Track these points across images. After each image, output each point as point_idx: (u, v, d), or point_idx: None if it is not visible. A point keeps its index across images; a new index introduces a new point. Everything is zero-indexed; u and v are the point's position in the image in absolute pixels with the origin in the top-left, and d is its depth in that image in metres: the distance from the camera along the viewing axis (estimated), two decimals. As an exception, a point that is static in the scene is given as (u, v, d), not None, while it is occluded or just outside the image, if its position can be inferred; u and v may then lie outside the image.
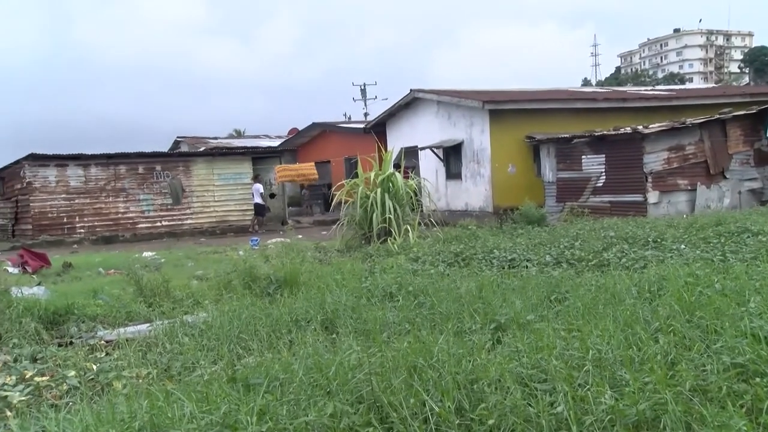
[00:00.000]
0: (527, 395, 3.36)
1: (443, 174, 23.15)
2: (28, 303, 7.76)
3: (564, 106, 21.30)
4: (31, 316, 7.42)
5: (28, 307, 7.62)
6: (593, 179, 17.83)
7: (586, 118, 20.55)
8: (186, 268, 12.91)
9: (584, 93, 26.95)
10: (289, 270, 8.62)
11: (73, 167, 22.83)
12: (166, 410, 3.50)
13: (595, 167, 17.84)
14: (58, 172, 22.62)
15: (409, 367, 3.90)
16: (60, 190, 22.62)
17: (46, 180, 22.45)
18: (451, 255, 10.45)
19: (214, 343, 5.81)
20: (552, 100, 21.76)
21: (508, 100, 21.47)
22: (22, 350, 6.46)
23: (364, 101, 51.54)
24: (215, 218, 24.76)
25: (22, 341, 6.76)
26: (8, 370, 5.92)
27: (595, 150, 17.88)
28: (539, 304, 6.09)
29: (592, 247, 9.74)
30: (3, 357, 6.41)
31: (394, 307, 6.50)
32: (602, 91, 29.12)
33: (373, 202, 13.95)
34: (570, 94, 24.30)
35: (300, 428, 3.26)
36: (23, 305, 7.63)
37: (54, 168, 22.60)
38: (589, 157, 18.04)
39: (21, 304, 7.68)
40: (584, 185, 18.06)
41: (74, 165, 22.86)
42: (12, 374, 5.73)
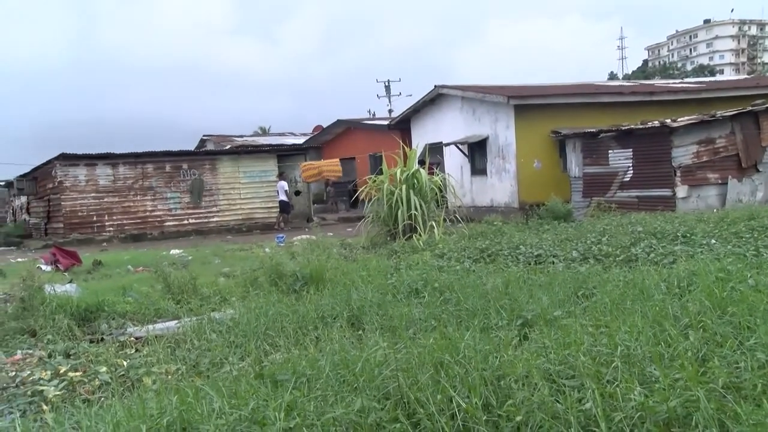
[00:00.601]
0: (555, 391, 3.33)
1: (468, 170, 23.05)
2: (60, 300, 7.92)
3: (590, 100, 21.05)
4: (64, 312, 7.58)
5: (60, 304, 7.78)
6: (620, 174, 17.61)
7: (613, 112, 20.31)
8: (213, 265, 13.03)
9: (611, 87, 26.64)
10: (315, 267, 8.65)
11: (102, 166, 23.19)
12: (196, 406, 3.54)
13: (622, 162, 17.62)
14: (87, 171, 22.98)
15: (435, 363, 3.89)
16: (90, 189, 22.99)
17: (76, 179, 22.83)
18: (477, 251, 10.41)
19: (242, 340, 5.85)
20: (578, 95, 21.53)
21: (534, 95, 21.30)
22: (56, 346, 6.61)
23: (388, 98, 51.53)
24: (241, 216, 24.97)
25: (56, 337, 6.91)
26: (43, 365, 6.05)
27: (622, 144, 17.66)
28: (566, 300, 6.03)
29: (619, 242, 9.63)
30: (38, 352, 6.55)
31: (420, 304, 6.50)
32: (629, 85, 28.75)
33: (398, 199, 13.94)
34: (596, 88, 24.03)
35: (327, 424, 3.27)
36: (56, 302, 7.80)
37: (84, 167, 22.97)
38: (615, 151, 17.83)
39: (54, 301, 7.84)
40: (611, 180, 17.85)
41: (103, 164, 23.22)
42: (47, 369, 5.86)
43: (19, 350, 6.75)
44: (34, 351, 6.67)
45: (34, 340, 7.06)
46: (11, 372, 6.05)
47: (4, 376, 5.92)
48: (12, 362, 6.37)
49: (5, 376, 5.92)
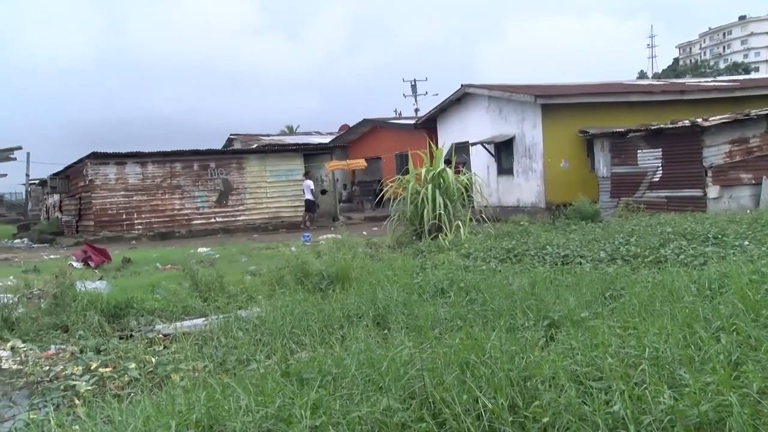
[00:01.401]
0: (582, 393, 3.30)
1: (494, 169, 22.94)
2: (91, 297, 8.07)
3: (618, 99, 20.80)
4: (95, 309, 7.72)
5: (91, 300, 7.93)
6: (649, 174, 17.39)
7: (642, 111, 20.05)
8: (239, 263, 13.14)
9: (640, 86, 26.28)
10: (341, 266, 8.67)
11: (131, 165, 23.51)
12: (223, 403, 3.57)
13: (651, 162, 17.39)
14: (117, 169, 23.31)
15: (461, 363, 3.88)
16: (119, 188, 23.32)
17: (106, 178, 23.17)
18: (503, 251, 10.36)
19: (268, 338, 5.90)
20: (606, 94, 21.28)
21: (561, 94, 21.12)
22: (87, 342, 6.74)
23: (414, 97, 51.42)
24: (267, 214, 25.14)
25: (87, 333, 7.04)
26: (75, 360, 6.18)
27: (651, 144, 17.43)
28: (593, 301, 5.97)
29: (648, 243, 9.50)
30: (71, 348, 6.69)
31: (446, 303, 6.49)
32: (659, 84, 28.35)
33: (423, 198, 13.92)
34: (625, 87, 23.73)
35: (353, 423, 3.28)
36: (87, 299, 7.96)
37: (114, 166, 23.30)
38: (644, 151, 17.60)
39: (85, 297, 8.00)
40: (640, 180, 17.64)
41: (132, 163, 23.54)
42: (79, 365, 5.99)
43: (52, 345, 6.90)
44: (66, 346, 6.81)
45: (66, 335, 7.20)
46: (45, 366, 6.19)
47: (38, 371, 6.07)
48: (46, 357, 6.51)
49: (40, 371, 6.07)
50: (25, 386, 5.82)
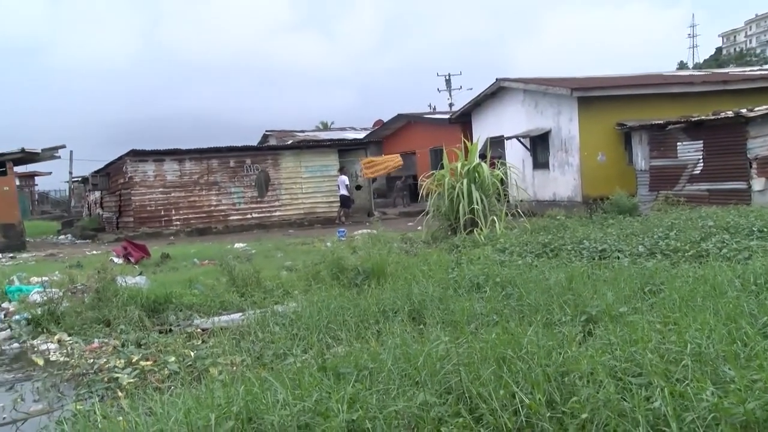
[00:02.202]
0: (621, 389, 3.26)
1: (530, 164, 22.72)
2: (131, 292, 8.23)
3: (657, 91, 20.40)
4: (135, 304, 7.88)
5: (132, 295, 8.09)
6: (689, 167, 17.02)
7: (682, 103, 19.62)
8: (275, 259, 13.24)
9: (680, 77, 25.73)
10: (376, 261, 8.69)
11: (169, 162, 23.84)
12: (261, 396, 3.62)
13: (691, 154, 17.03)
14: (155, 167, 23.67)
15: (497, 358, 3.86)
16: (158, 184, 23.68)
17: (145, 174, 23.54)
18: (539, 246, 10.26)
19: (304, 333, 5.94)
20: (644, 86, 20.89)
21: (598, 86, 20.79)
22: (128, 336, 6.89)
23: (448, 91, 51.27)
24: (303, 210, 25.30)
25: (128, 327, 7.20)
26: (118, 353, 6.34)
27: (691, 136, 17.06)
28: (632, 296, 5.89)
29: (688, 237, 9.31)
30: (113, 341, 6.86)
31: (482, 298, 6.46)
32: (700, 74, 27.71)
33: (459, 193, 13.85)
34: (664, 79, 23.27)
35: (389, 417, 3.29)
36: (128, 294, 8.12)
37: (152, 163, 23.66)
38: (685, 143, 17.24)
39: (126, 292, 8.16)
40: (680, 173, 17.29)
41: (170, 160, 23.87)
42: (121, 358, 6.13)
43: (96, 339, 7.07)
44: (108, 340, 6.98)
45: (108, 329, 7.37)
46: (90, 359, 6.35)
47: (83, 363, 6.24)
48: (90, 350, 6.69)
49: (85, 363, 6.23)
50: (71, 378, 5.98)
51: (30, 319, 8.04)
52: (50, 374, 6.09)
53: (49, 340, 7.39)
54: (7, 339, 7.85)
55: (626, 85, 21.05)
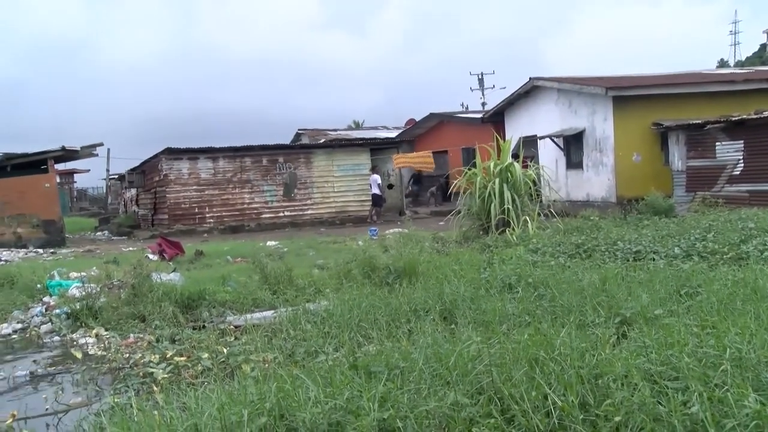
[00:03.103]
0: (656, 393, 3.20)
1: (563, 163, 22.48)
2: (166, 288, 8.37)
3: (696, 90, 19.99)
4: (169, 300, 8.00)
5: (166, 291, 8.23)
6: (729, 167, 16.66)
7: (722, 101, 19.21)
8: (307, 257, 13.31)
9: (720, 75, 25.17)
10: (408, 260, 8.69)
11: (203, 160, 24.15)
12: (293, 393, 3.64)
13: (731, 154, 16.66)
14: (190, 164, 23.99)
15: (530, 359, 3.83)
16: (192, 182, 24.00)
17: (180, 172, 23.88)
18: (572, 246, 10.14)
19: (336, 331, 5.96)
20: (682, 84, 20.48)
21: (634, 85, 20.47)
22: (162, 331, 7.00)
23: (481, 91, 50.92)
24: (335, 209, 25.41)
25: (163, 323, 7.32)
26: (152, 349, 6.44)
27: (731, 136, 16.69)
28: (668, 299, 5.79)
29: (727, 239, 9.11)
30: (148, 337, 6.98)
31: (514, 299, 6.41)
32: (741, 72, 27.06)
33: (491, 193, 13.77)
34: (703, 77, 22.78)
35: (420, 417, 3.29)
36: (162, 290, 8.25)
37: (187, 161, 23.98)
38: (724, 143, 16.88)
39: (160, 288, 8.29)
40: (718, 174, 16.93)
41: (204, 158, 24.18)
42: (156, 353, 6.23)
43: (131, 334, 7.21)
44: (144, 335, 7.10)
45: (143, 324, 7.50)
46: (126, 354, 6.48)
47: (120, 357, 6.37)
48: (126, 345, 6.82)
49: (121, 358, 6.37)
50: (108, 372, 6.11)
51: (69, 313, 8.24)
52: (88, 368, 6.23)
53: (87, 335, 7.57)
54: (49, 332, 8.06)
55: (663, 84, 20.68)
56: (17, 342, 7.94)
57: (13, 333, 8.27)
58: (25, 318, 8.77)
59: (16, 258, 17.25)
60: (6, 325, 8.53)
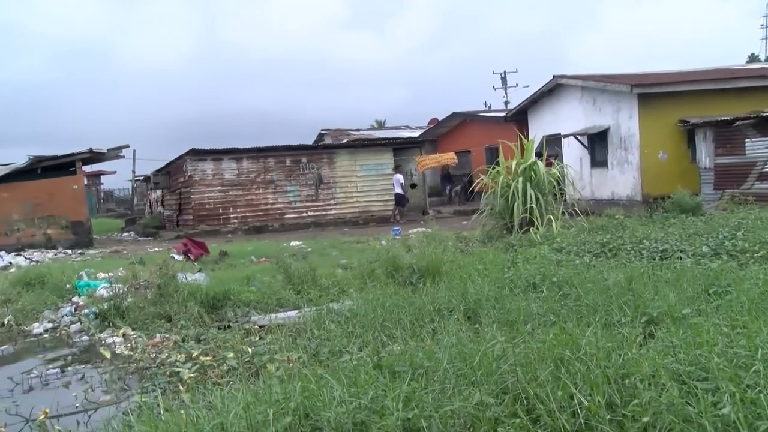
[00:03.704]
0: (685, 393, 3.16)
1: (588, 162, 22.28)
2: (191, 288, 8.44)
3: (724, 86, 19.69)
4: (195, 300, 8.08)
5: (191, 291, 8.30)
6: (759, 164, 16.39)
7: (752, 97, 18.90)
8: (331, 257, 13.35)
9: (749, 70, 24.74)
10: (431, 260, 8.67)
11: (227, 161, 24.32)
12: (317, 393, 3.65)
13: (761, 151, 16.39)
14: (214, 165, 24.17)
15: (555, 359, 3.80)
16: (216, 183, 24.18)
17: (204, 173, 24.07)
18: (597, 245, 10.05)
19: (359, 330, 5.97)
20: (709, 80, 20.19)
21: (659, 82, 20.22)
22: (188, 331, 7.07)
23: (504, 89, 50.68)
24: (358, 209, 25.44)
25: (188, 323, 7.39)
26: (178, 348, 6.51)
27: (762, 132, 16.41)
28: (696, 298, 5.71)
29: (758, 237, 8.95)
30: (174, 336, 7.05)
31: (538, 298, 6.37)
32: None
33: (514, 192, 13.69)
34: (731, 73, 22.40)
35: (445, 416, 3.28)
36: (188, 290, 8.33)
37: (211, 162, 24.17)
38: (754, 140, 16.60)
39: (186, 289, 8.37)
40: (748, 171, 16.66)
41: (228, 159, 24.35)
42: (182, 353, 6.30)
43: (157, 333, 7.29)
44: (170, 335, 7.18)
45: (169, 324, 7.58)
46: (152, 353, 6.56)
47: (146, 357, 6.44)
48: (152, 344, 6.90)
49: (147, 357, 6.44)
50: (135, 371, 6.19)
51: (97, 313, 8.36)
52: (116, 367, 6.32)
53: (115, 334, 7.68)
54: (78, 332, 8.20)
55: (689, 80, 20.39)
56: (48, 341, 8.07)
57: (45, 332, 8.43)
58: (56, 318, 8.93)
59: (45, 258, 17.56)
60: (38, 324, 8.70)
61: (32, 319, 8.93)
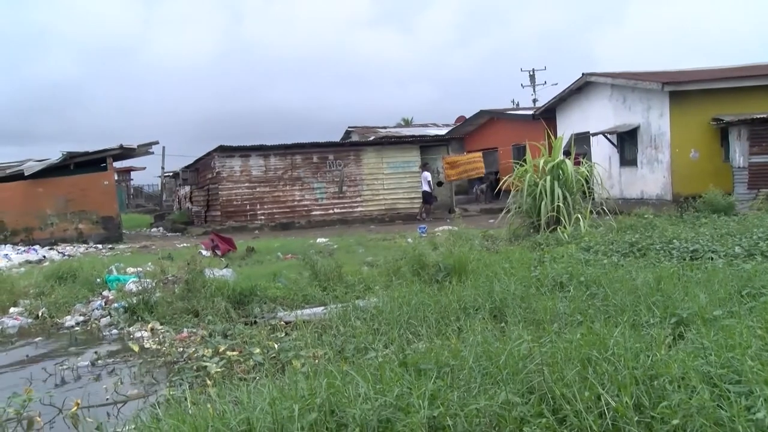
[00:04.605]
0: (717, 396, 3.10)
1: (617, 161, 22.02)
2: (218, 284, 8.52)
3: (759, 83, 19.28)
4: (222, 295, 8.15)
5: (219, 287, 8.37)
6: (794, 163, 16.04)
7: (788, 95, 18.49)
8: (357, 254, 13.37)
9: (784, 67, 24.17)
10: (457, 258, 8.63)
11: (254, 157, 24.50)
12: (343, 390, 3.66)
13: (796, 150, 16.04)
14: (242, 162, 24.37)
15: (582, 359, 3.77)
16: (244, 179, 24.39)
17: (232, 170, 24.29)
18: (626, 245, 9.93)
19: (385, 328, 5.97)
20: (744, 77, 19.78)
21: (692, 80, 19.88)
22: (215, 326, 7.14)
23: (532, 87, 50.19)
24: (384, 206, 25.45)
25: (215, 318, 7.46)
26: (205, 343, 6.58)
27: (798, 130, 16.06)
28: (728, 299, 5.60)
29: (793, 238, 8.77)
30: (201, 331, 7.13)
31: (565, 298, 6.31)
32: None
33: (542, 190, 13.58)
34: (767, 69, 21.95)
35: (471, 415, 3.27)
36: (215, 286, 8.40)
37: (239, 158, 24.37)
38: (790, 138, 16.25)
39: (213, 284, 8.45)
40: (783, 170, 16.31)
41: (256, 155, 24.53)
42: (209, 347, 6.36)
43: (185, 328, 7.38)
44: (197, 330, 7.26)
45: (196, 319, 7.66)
46: (180, 348, 6.64)
47: (174, 351, 6.53)
48: (180, 339, 6.98)
49: (175, 351, 6.52)
50: (163, 365, 6.28)
51: (126, 307, 8.49)
52: (145, 361, 6.41)
53: (143, 328, 7.79)
54: (108, 325, 8.34)
55: (723, 77, 20.02)
56: (80, 334, 8.22)
57: (76, 325, 8.59)
58: (87, 311, 9.09)
59: (77, 253, 17.88)
60: (69, 317, 8.87)
61: (64, 312, 9.10)
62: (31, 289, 10.54)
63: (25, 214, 20.85)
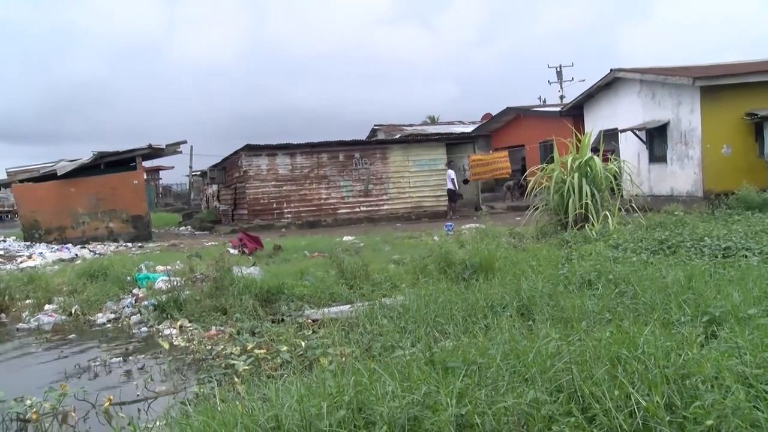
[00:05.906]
0: (753, 397, 3.04)
1: (646, 157, 21.71)
2: (246, 282, 8.60)
3: (794, 77, 18.85)
4: (249, 293, 8.22)
5: (246, 285, 8.45)
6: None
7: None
8: (383, 252, 13.38)
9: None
10: (484, 255, 8.59)
11: (281, 156, 24.64)
12: (370, 387, 3.67)
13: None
14: (268, 161, 24.52)
15: (611, 357, 3.73)
16: (270, 178, 24.55)
17: (259, 168, 24.47)
18: (656, 242, 9.79)
19: (412, 326, 5.96)
20: (778, 71, 19.35)
21: (724, 74, 19.49)
22: (243, 324, 7.20)
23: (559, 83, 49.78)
24: (410, 204, 25.44)
25: (243, 316, 7.53)
26: (233, 341, 6.64)
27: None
28: (763, 298, 5.50)
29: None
30: (229, 329, 7.19)
31: (593, 296, 6.25)
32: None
33: (569, 188, 13.45)
34: (801, 63, 21.45)
35: (499, 413, 3.25)
36: (243, 284, 8.48)
37: (265, 157, 24.53)
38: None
39: (241, 282, 8.53)
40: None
41: (282, 154, 24.67)
42: (237, 345, 6.42)
43: (213, 326, 7.45)
44: (225, 327, 7.33)
45: (224, 317, 7.74)
46: (208, 345, 6.71)
47: (202, 349, 6.59)
48: (208, 336, 7.06)
49: (204, 349, 6.59)
50: (192, 362, 6.35)
51: (156, 305, 8.60)
52: (174, 358, 6.49)
53: (173, 326, 7.88)
54: (138, 323, 8.46)
55: (757, 71, 19.59)
56: (111, 331, 8.36)
57: (107, 322, 8.73)
58: (117, 308, 9.23)
59: (108, 251, 18.18)
60: (101, 314, 9.03)
61: (96, 310, 9.27)
62: (64, 287, 10.76)
63: (58, 213, 21.25)
